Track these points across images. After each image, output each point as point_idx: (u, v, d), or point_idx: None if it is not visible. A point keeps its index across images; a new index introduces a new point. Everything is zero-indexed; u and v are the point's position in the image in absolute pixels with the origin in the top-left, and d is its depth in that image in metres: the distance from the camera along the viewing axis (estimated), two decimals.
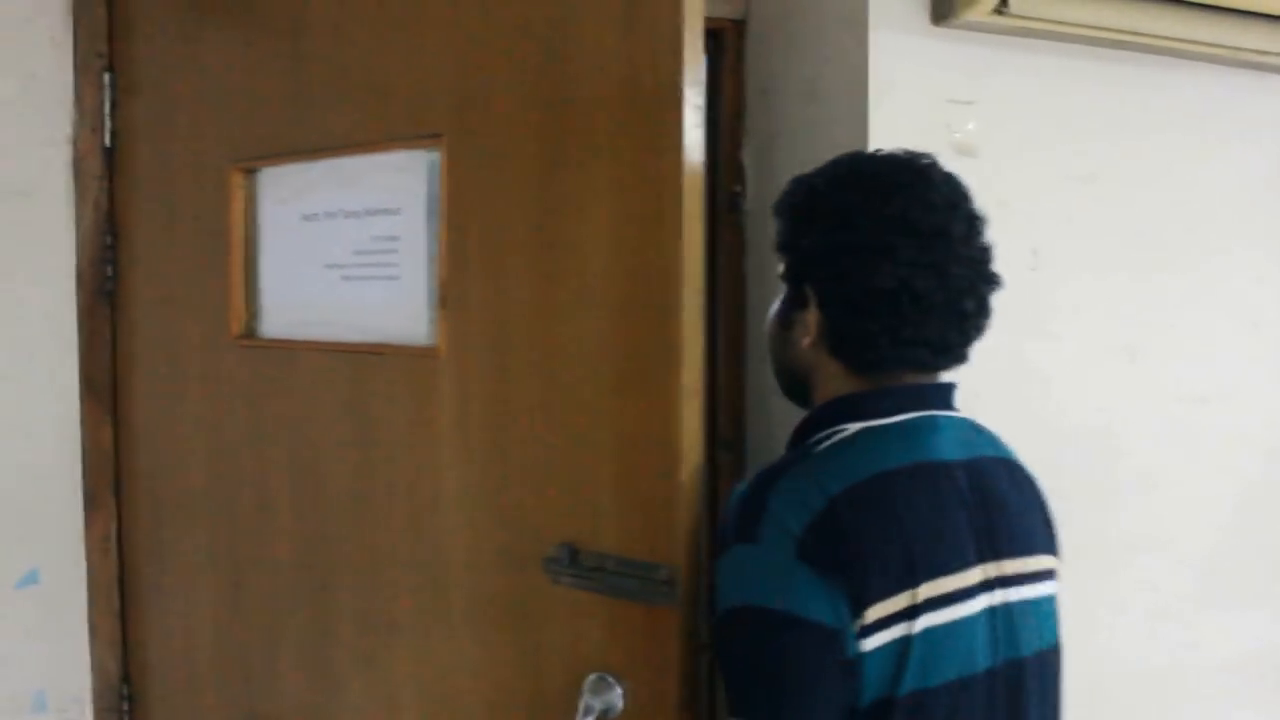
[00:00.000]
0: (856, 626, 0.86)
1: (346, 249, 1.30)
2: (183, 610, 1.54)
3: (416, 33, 1.20)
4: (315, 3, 1.30)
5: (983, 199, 0.99)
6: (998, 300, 0.99)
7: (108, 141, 1.58)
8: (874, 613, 0.86)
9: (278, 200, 1.39)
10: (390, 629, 1.26)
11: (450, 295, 1.17)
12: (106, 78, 1.57)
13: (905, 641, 0.87)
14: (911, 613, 0.87)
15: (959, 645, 0.89)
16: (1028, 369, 1.36)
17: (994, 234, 0.99)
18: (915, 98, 1.32)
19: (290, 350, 1.37)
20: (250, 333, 1.43)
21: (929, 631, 0.87)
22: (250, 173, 1.42)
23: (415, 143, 1.21)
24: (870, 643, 0.86)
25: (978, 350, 1.00)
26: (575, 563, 1.07)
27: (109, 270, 1.59)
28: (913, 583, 0.88)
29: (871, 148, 1.09)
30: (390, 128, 1.23)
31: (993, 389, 1.15)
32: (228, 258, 1.42)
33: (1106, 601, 1.44)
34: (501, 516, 1.15)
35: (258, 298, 1.42)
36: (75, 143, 1.56)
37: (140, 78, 1.55)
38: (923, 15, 1.33)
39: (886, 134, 1.27)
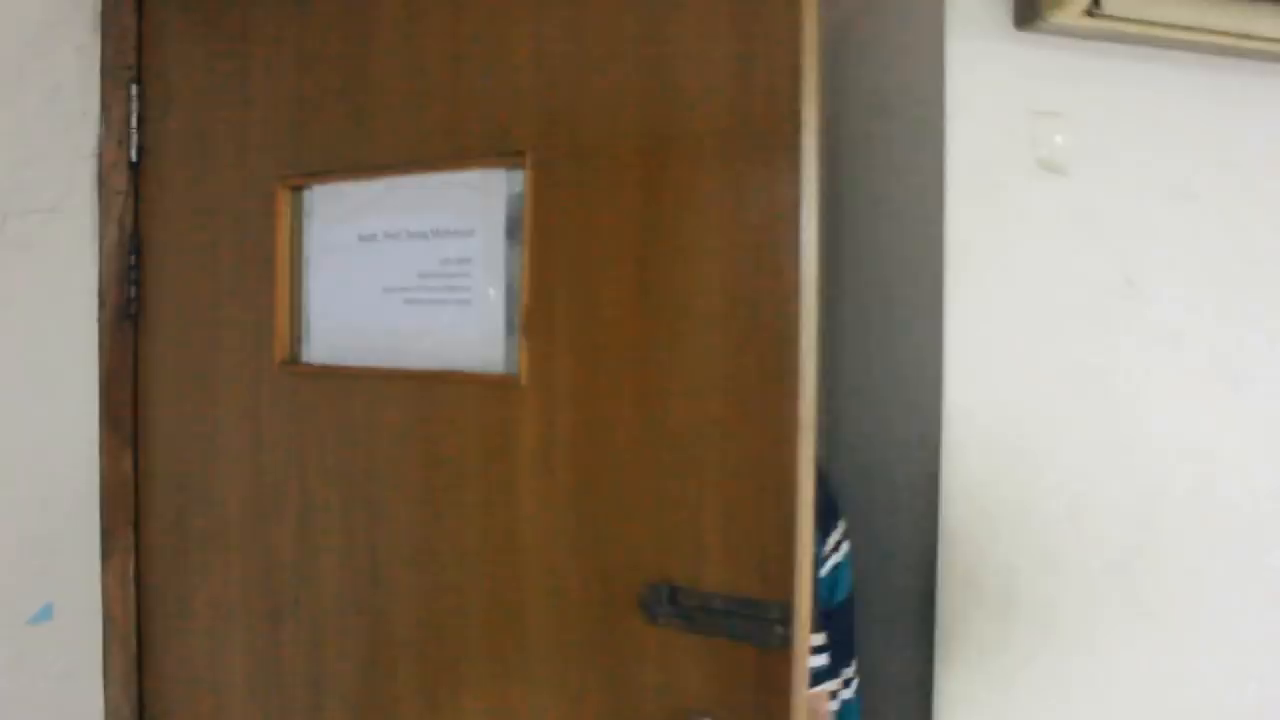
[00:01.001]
0: None
1: (410, 271, 1.24)
2: (209, 653, 1.45)
3: (498, 46, 1.15)
4: (382, 12, 1.25)
5: (1072, 220, 0.95)
6: (1090, 328, 0.94)
7: (134, 156, 1.50)
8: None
9: (330, 220, 1.32)
10: (458, 677, 1.19)
11: (534, 321, 1.12)
12: (134, 89, 1.50)
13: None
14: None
15: None
16: (1123, 398, 1.29)
17: (1084, 257, 0.95)
18: (997, 110, 1.23)
19: (343, 377, 1.30)
20: (296, 358, 1.36)
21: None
22: (298, 190, 1.35)
23: (494, 161, 1.16)
24: None
25: (1071, 379, 0.96)
26: (674, 601, 1.03)
27: (132, 291, 1.51)
28: None
29: (949, 165, 1.05)
30: (465, 145, 1.18)
31: (1087, 419, 1.13)
32: (272, 280, 1.35)
33: (1205, 636, 1.38)
34: (590, 553, 1.09)
35: (305, 322, 1.35)
36: (100, 156, 1.48)
37: (172, 90, 1.47)
38: (1005, 19, 1.22)
39: (965, 150, 1.21)
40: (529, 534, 1.13)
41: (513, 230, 1.16)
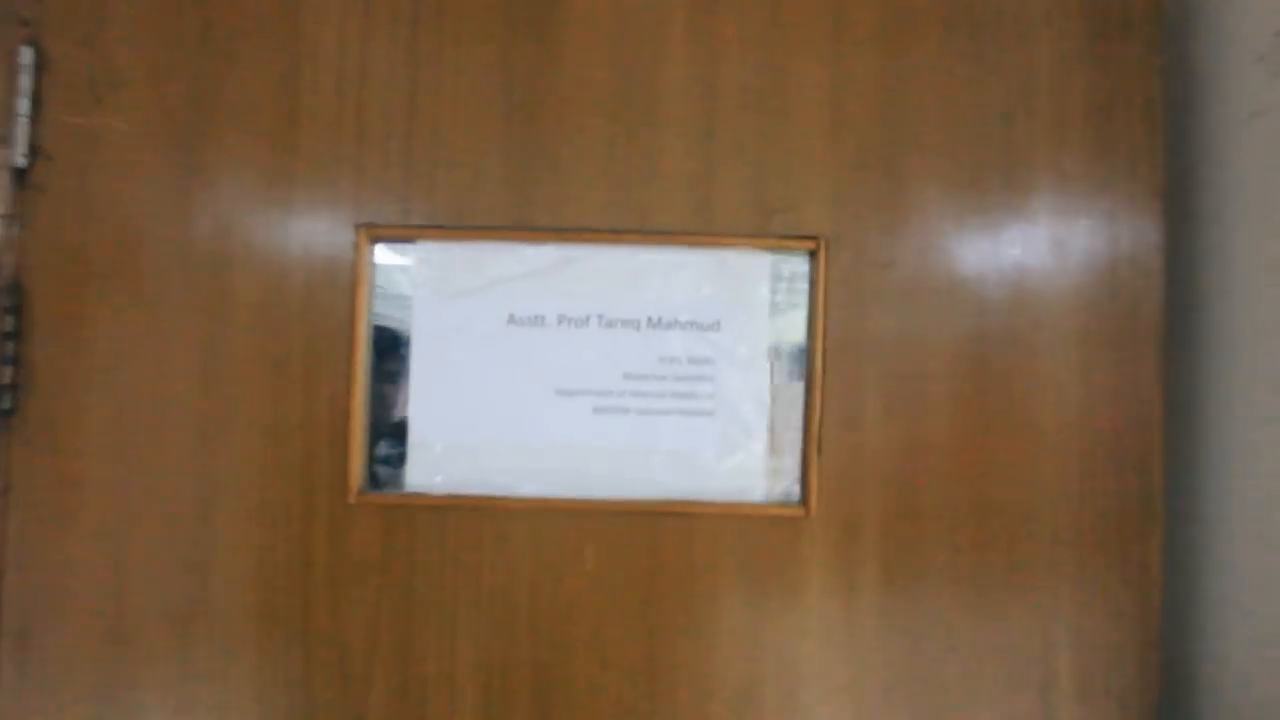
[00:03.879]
0: None
1: (607, 370, 0.94)
2: None
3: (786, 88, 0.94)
4: (574, 10, 0.95)
5: None
6: None
7: (20, 159, 0.93)
8: None
9: (453, 292, 0.95)
10: None
11: (829, 439, 0.92)
12: (27, 55, 0.93)
13: None
14: None
15: None
16: None
17: None
18: None
19: (488, 511, 0.93)
20: (379, 486, 0.94)
21: None
22: (390, 242, 0.95)
23: (761, 241, 0.94)
24: None
25: None
26: None
27: (7, 375, 0.91)
28: None
29: None
30: (717, 213, 0.94)
31: None
32: (339, 368, 0.92)
33: None
34: None
35: (408, 433, 0.94)
36: None
37: (113, 57, 0.94)
38: None
39: None
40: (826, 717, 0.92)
41: (782, 325, 0.95)
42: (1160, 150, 0.94)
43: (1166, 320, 0.94)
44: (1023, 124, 0.94)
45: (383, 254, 0.95)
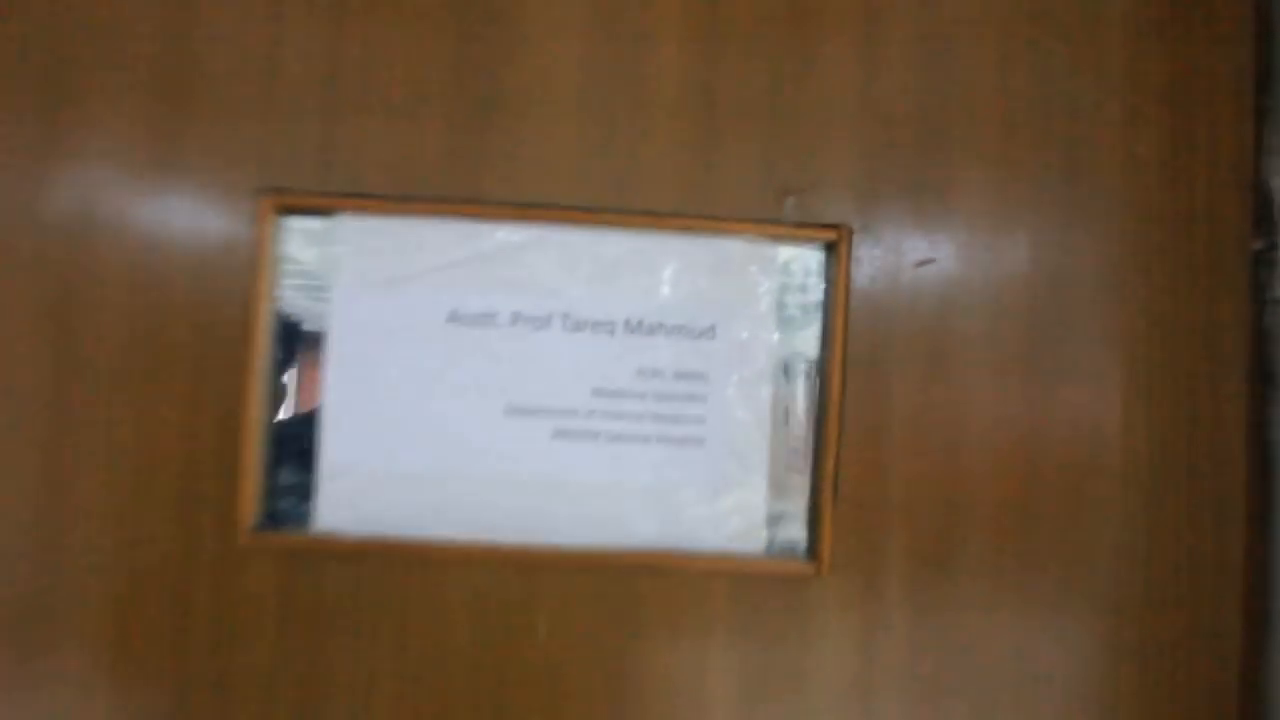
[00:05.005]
0: None
1: (574, 385, 0.75)
2: None
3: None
4: None
5: None
6: None
7: None
8: None
9: (384, 278, 0.75)
10: None
11: (848, 477, 0.74)
12: None
13: None
14: None
15: None
16: None
17: None
18: None
19: (414, 559, 0.73)
20: (278, 523, 0.74)
21: None
22: (303, 214, 0.75)
23: (774, 229, 0.76)
24: None
25: None
26: None
27: None
28: None
29: None
30: (720, 193, 0.75)
31: None
32: (230, 373, 0.72)
33: None
34: None
35: (318, 458, 0.74)
36: None
37: None
38: None
39: None
40: None
41: (791, 333, 0.76)
42: (1249, 136, 0.77)
43: (1255, 348, 0.77)
44: (1088, 99, 0.77)
45: (293, 229, 0.75)
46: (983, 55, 0.76)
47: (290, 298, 0.75)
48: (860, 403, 0.74)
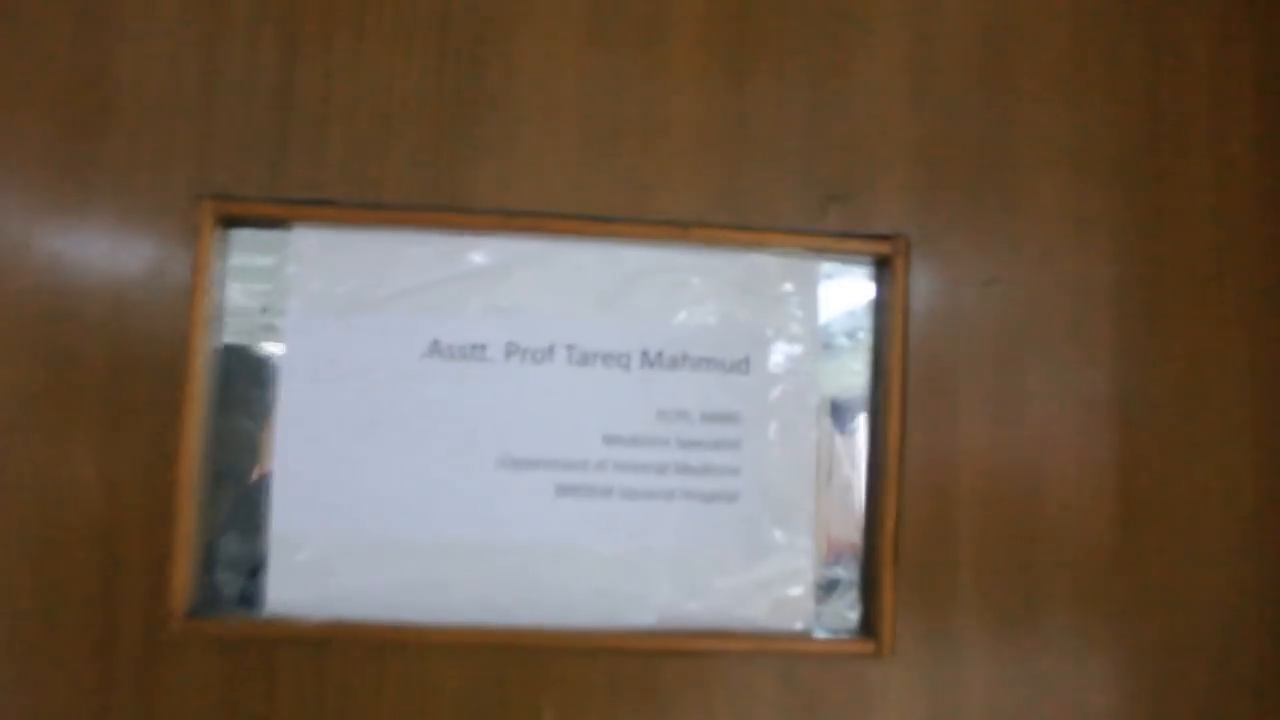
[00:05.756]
0: None
1: (577, 428, 0.62)
2: None
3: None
4: None
5: None
6: None
7: None
8: None
9: (350, 302, 0.62)
10: None
11: (910, 538, 0.62)
12: None
13: None
14: None
15: None
16: None
17: None
18: None
19: (388, 646, 0.60)
20: (216, 606, 0.60)
21: None
22: (252, 226, 0.62)
23: (817, 241, 0.64)
24: None
25: None
26: None
27: None
28: None
29: None
30: (744, 201, 0.63)
31: None
32: (160, 417, 0.59)
33: None
34: None
35: (269, 524, 0.61)
36: None
37: None
38: None
39: None
40: None
41: (840, 366, 0.64)
42: None
43: None
44: (1170, 88, 0.66)
45: (241, 242, 0.62)
46: (1055, 43, 0.65)
47: (238, 328, 0.62)
48: (922, 448, 0.62)
